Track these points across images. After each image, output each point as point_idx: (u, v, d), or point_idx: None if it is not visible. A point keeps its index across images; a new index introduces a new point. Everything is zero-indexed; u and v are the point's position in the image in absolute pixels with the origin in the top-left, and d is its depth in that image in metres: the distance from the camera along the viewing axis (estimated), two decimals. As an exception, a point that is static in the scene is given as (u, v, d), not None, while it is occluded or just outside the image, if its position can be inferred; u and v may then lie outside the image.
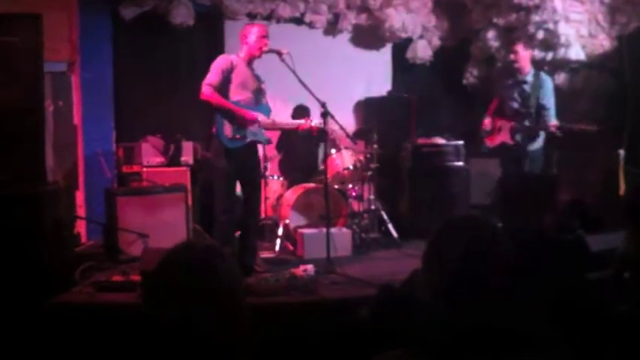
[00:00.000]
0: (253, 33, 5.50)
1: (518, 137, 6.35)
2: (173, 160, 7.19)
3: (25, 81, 4.83)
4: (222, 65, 5.42)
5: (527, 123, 6.30)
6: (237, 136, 5.42)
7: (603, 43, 7.38)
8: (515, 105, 6.45)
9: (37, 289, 4.50)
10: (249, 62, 5.58)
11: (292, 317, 4.39)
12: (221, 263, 1.74)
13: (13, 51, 4.79)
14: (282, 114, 7.09)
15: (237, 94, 5.48)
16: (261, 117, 5.56)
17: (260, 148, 6.18)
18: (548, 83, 6.46)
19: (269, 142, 5.95)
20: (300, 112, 7.43)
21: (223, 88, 5.42)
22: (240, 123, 5.43)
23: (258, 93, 5.64)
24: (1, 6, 5.58)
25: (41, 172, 4.89)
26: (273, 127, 5.83)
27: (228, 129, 5.41)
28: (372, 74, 8.76)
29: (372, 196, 7.17)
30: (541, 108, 6.32)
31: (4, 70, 4.78)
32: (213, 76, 5.37)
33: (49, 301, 4.45)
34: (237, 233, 5.78)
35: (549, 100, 6.36)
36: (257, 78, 5.65)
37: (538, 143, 6.40)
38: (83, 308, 4.43)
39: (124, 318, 4.05)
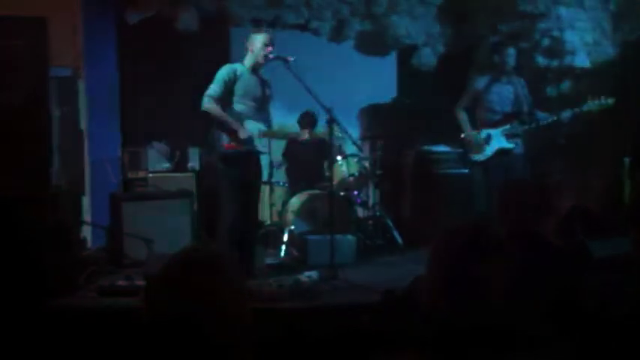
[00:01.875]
0: (257, 41, 5.51)
1: (524, 130, 6.34)
2: (179, 166, 7.20)
3: (30, 84, 4.83)
4: (226, 75, 5.44)
5: (523, 122, 6.30)
6: (234, 144, 5.44)
7: (607, 50, 7.38)
8: (507, 107, 6.43)
9: (39, 292, 4.51)
10: (254, 70, 5.59)
11: (295, 322, 4.39)
12: (223, 266, 1.75)
13: (19, 54, 4.79)
14: (287, 121, 7.08)
15: (240, 104, 5.50)
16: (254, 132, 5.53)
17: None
18: (523, 83, 6.52)
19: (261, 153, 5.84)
20: (307, 118, 7.34)
21: (226, 97, 5.46)
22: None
23: (263, 101, 5.65)
24: (5, 9, 5.61)
25: (46, 176, 4.89)
26: (271, 136, 5.82)
27: (225, 137, 5.45)
28: (376, 81, 8.76)
29: (376, 203, 7.17)
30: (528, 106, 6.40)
31: (10, 73, 4.79)
32: (215, 87, 5.41)
33: (51, 303, 4.46)
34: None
35: (529, 98, 6.43)
36: (263, 84, 5.65)
37: (519, 147, 6.39)
38: (87, 312, 4.45)
39: (127, 322, 4.06)
